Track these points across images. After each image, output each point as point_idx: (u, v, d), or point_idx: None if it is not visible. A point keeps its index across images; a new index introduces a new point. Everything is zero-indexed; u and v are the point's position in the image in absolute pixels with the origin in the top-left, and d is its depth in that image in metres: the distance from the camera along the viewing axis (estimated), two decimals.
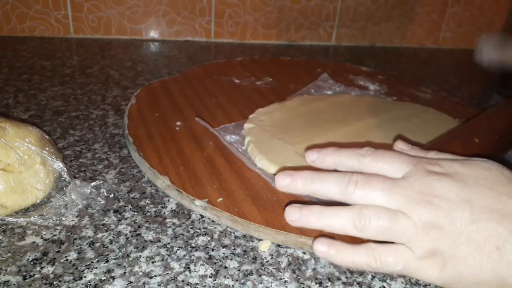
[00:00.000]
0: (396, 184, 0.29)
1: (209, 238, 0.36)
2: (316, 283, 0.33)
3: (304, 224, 0.31)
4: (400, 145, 0.35)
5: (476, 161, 0.31)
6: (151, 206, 0.40)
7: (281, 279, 0.33)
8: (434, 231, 0.28)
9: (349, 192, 0.30)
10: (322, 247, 0.30)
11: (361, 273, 0.34)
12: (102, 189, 0.39)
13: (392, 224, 0.28)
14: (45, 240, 0.34)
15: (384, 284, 0.33)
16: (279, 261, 0.34)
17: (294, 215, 0.31)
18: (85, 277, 0.31)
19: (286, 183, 0.32)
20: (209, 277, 0.32)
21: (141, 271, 0.32)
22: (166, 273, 0.32)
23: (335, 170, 0.33)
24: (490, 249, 0.27)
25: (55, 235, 0.35)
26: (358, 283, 0.33)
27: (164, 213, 0.39)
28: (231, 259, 0.34)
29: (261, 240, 0.36)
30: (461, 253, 0.28)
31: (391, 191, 0.29)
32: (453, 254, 0.28)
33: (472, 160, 0.31)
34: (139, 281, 0.31)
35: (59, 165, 0.38)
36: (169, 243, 0.35)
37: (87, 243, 0.34)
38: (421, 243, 0.28)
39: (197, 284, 0.32)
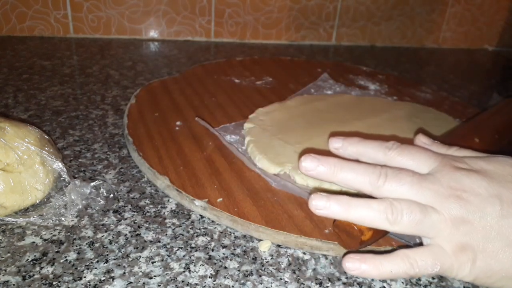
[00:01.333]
0: (424, 179, 0.29)
1: (209, 238, 0.36)
2: (316, 284, 0.32)
3: (331, 214, 0.29)
4: (422, 139, 0.35)
5: (500, 158, 0.31)
6: (151, 206, 0.39)
7: (281, 279, 0.33)
8: (464, 226, 0.28)
9: (379, 184, 0.29)
10: (354, 265, 0.29)
11: None
12: (102, 189, 0.39)
13: (424, 218, 0.28)
14: (45, 240, 0.34)
15: (384, 284, 0.33)
16: (279, 262, 0.34)
17: (321, 203, 0.29)
18: (84, 277, 0.31)
19: (312, 166, 0.30)
20: (209, 277, 0.32)
21: (140, 271, 0.32)
22: (166, 274, 0.32)
23: (357, 160, 0.32)
24: None
25: (54, 235, 0.35)
26: (358, 283, 0.33)
27: (164, 213, 0.39)
28: (231, 260, 0.34)
29: (261, 240, 0.36)
30: (492, 247, 0.27)
31: (420, 186, 0.29)
32: (484, 249, 0.27)
33: (496, 157, 0.31)
34: (139, 281, 0.31)
35: (58, 165, 0.38)
36: (169, 243, 0.35)
37: (86, 243, 0.34)
38: (451, 237, 0.28)
39: (197, 284, 0.31)
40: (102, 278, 0.31)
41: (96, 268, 0.32)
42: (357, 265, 0.29)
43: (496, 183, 0.29)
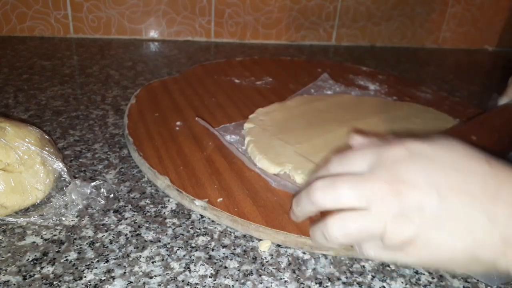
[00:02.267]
0: (362, 179, 0.30)
1: (209, 238, 0.36)
2: (316, 283, 0.33)
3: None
4: (357, 140, 0.35)
5: (439, 141, 0.31)
6: (151, 206, 0.40)
7: (281, 279, 0.33)
8: (404, 221, 0.28)
9: (316, 199, 0.30)
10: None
11: (361, 273, 0.34)
12: (102, 189, 0.39)
13: (366, 223, 0.29)
14: (45, 240, 0.34)
15: (384, 284, 0.33)
16: (279, 261, 0.34)
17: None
18: (85, 277, 0.31)
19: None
20: (209, 277, 0.32)
21: (141, 271, 0.32)
22: (166, 273, 0.32)
23: None
24: (460, 229, 0.27)
25: (55, 235, 0.35)
26: (358, 283, 0.33)
27: (164, 213, 0.39)
28: (231, 259, 0.34)
29: (261, 240, 0.36)
30: (433, 238, 0.28)
31: (357, 188, 0.29)
32: (426, 240, 0.28)
33: (435, 139, 0.31)
34: (139, 281, 0.31)
35: (59, 165, 0.38)
36: (169, 243, 0.35)
37: (87, 243, 0.34)
38: (394, 234, 0.28)
39: (197, 284, 0.32)
40: (103, 278, 0.31)
41: (96, 267, 0.32)
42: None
43: (434, 170, 0.29)
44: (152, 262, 0.33)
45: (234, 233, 0.37)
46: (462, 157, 0.30)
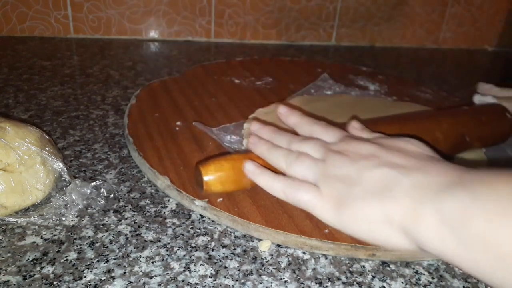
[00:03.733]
0: (326, 144, 0.36)
1: (209, 238, 0.36)
2: (316, 283, 0.33)
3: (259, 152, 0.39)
4: (354, 125, 0.40)
5: (401, 137, 0.35)
6: (151, 206, 0.40)
7: (281, 279, 0.33)
8: (341, 177, 0.32)
9: (292, 145, 0.38)
10: (250, 167, 0.37)
11: (361, 273, 0.34)
12: (102, 189, 0.39)
13: (314, 165, 0.34)
14: (45, 240, 0.34)
15: (384, 284, 0.33)
16: (279, 261, 0.34)
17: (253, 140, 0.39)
18: (85, 277, 0.31)
19: (256, 127, 0.41)
20: (209, 277, 0.32)
21: (141, 271, 0.32)
22: (166, 273, 0.32)
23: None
24: (381, 190, 0.30)
25: (55, 235, 0.35)
26: (358, 283, 0.33)
27: (164, 213, 0.39)
28: (231, 259, 0.34)
29: (261, 240, 0.36)
30: (358, 195, 0.31)
31: (320, 147, 0.36)
32: (352, 197, 0.31)
33: (396, 137, 0.36)
34: (139, 281, 0.31)
35: (59, 165, 0.38)
36: (169, 243, 0.35)
37: (87, 243, 0.34)
38: (328, 185, 0.33)
39: (197, 284, 0.32)
40: (103, 278, 0.31)
41: (96, 267, 0.32)
42: (252, 168, 0.37)
43: (380, 148, 0.33)
44: (152, 262, 0.33)
45: (234, 233, 0.37)
46: (413, 148, 0.33)
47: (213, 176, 0.37)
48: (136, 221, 0.37)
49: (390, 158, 0.32)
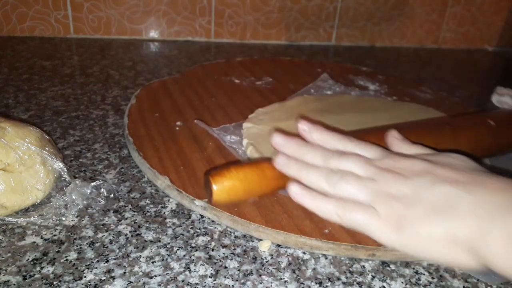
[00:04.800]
0: (369, 160, 0.33)
1: (209, 238, 0.36)
2: (316, 283, 0.33)
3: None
4: (394, 134, 0.38)
5: (445, 152, 0.34)
6: (151, 206, 0.40)
7: (281, 279, 0.33)
8: (397, 196, 0.30)
9: (330, 162, 0.34)
10: (295, 188, 0.33)
11: (361, 273, 0.34)
12: (102, 189, 0.39)
13: (363, 185, 0.32)
14: (45, 240, 0.34)
15: (384, 284, 0.33)
16: (279, 261, 0.34)
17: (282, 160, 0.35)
18: (85, 277, 0.31)
19: (281, 142, 0.36)
20: (209, 277, 0.32)
21: (141, 271, 0.32)
22: (166, 273, 0.32)
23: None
24: (444, 208, 0.29)
25: (55, 235, 0.35)
26: (358, 283, 0.33)
27: (164, 213, 0.39)
28: (231, 259, 0.34)
29: (261, 240, 0.36)
30: (419, 214, 0.29)
31: (365, 164, 0.33)
32: (413, 216, 0.30)
33: (442, 152, 0.34)
34: (139, 281, 0.31)
35: (59, 165, 0.38)
36: (169, 243, 0.35)
37: (87, 243, 0.34)
38: (385, 205, 0.31)
39: (197, 284, 0.32)
40: (103, 278, 0.31)
41: (96, 267, 0.32)
42: (298, 190, 0.33)
43: (433, 164, 0.32)
44: (152, 262, 0.33)
45: (234, 233, 0.37)
46: (463, 164, 0.32)
47: (223, 189, 0.34)
48: (136, 221, 0.37)
49: (447, 174, 0.31)
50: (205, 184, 0.36)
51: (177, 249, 0.35)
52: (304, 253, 0.35)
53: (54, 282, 0.31)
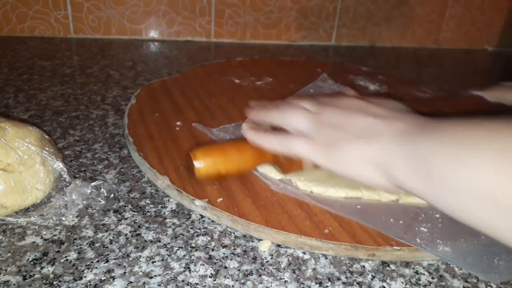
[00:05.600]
0: (318, 100, 0.40)
1: (209, 238, 0.36)
2: (316, 283, 0.33)
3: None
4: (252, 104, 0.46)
5: (383, 97, 0.40)
6: (151, 206, 0.40)
7: (281, 279, 0.33)
8: (331, 124, 0.37)
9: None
10: (245, 126, 0.41)
11: (361, 273, 0.34)
12: (102, 189, 0.39)
13: (305, 117, 0.38)
14: (45, 240, 0.34)
15: (384, 284, 0.33)
16: (279, 261, 0.34)
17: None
18: (85, 277, 0.31)
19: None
20: (209, 277, 0.32)
21: (141, 271, 0.32)
22: (166, 273, 0.32)
23: None
24: (364, 134, 0.34)
25: (55, 235, 0.35)
26: (358, 283, 0.33)
27: (164, 213, 0.39)
28: (231, 259, 0.34)
29: (261, 240, 0.36)
30: (344, 137, 0.35)
31: (315, 101, 0.40)
32: (339, 139, 0.36)
33: (381, 97, 0.41)
34: (139, 281, 0.31)
35: (59, 165, 0.38)
36: (169, 243, 0.35)
37: (87, 243, 0.34)
38: (320, 132, 0.37)
39: (197, 284, 0.32)
40: (103, 278, 0.31)
41: (96, 267, 0.32)
42: (252, 131, 0.40)
43: (370, 103, 0.38)
44: (152, 262, 0.33)
45: (234, 233, 0.37)
46: (392, 104, 0.38)
47: (203, 158, 0.39)
48: (136, 221, 0.37)
49: (374, 110, 0.37)
50: (187, 164, 0.41)
51: (177, 249, 0.35)
52: (304, 253, 0.35)
53: (54, 282, 0.31)
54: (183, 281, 0.32)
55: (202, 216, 0.39)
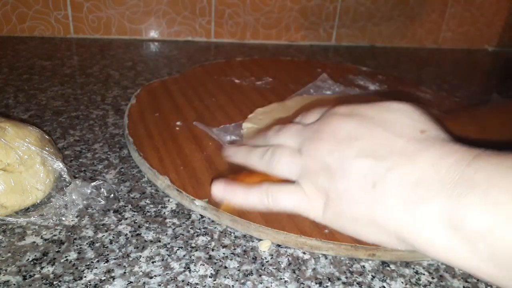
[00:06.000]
0: (302, 128, 0.33)
1: (209, 238, 0.36)
2: (316, 283, 0.33)
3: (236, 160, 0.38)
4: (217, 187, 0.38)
5: (386, 103, 0.30)
6: (151, 206, 0.40)
7: (281, 279, 0.33)
8: (323, 168, 0.29)
9: (269, 140, 0.36)
10: (218, 188, 0.34)
11: (361, 273, 0.34)
12: (102, 189, 0.39)
13: (290, 161, 0.32)
14: (45, 240, 0.34)
15: (384, 284, 0.33)
16: (279, 261, 0.34)
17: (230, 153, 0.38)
18: (85, 277, 0.31)
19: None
20: (209, 277, 0.32)
21: (141, 271, 0.32)
22: (166, 273, 0.32)
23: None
24: (367, 187, 0.27)
25: (55, 235, 0.35)
26: (358, 283, 0.33)
27: (164, 213, 0.39)
28: (231, 259, 0.34)
29: (261, 240, 0.36)
30: (341, 188, 0.28)
31: (295, 133, 0.33)
32: (336, 192, 0.29)
33: (383, 103, 0.31)
34: (139, 281, 0.31)
35: (59, 165, 0.38)
36: (169, 243, 0.35)
37: (87, 243, 0.34)
38: (309, 183, 0.30)
39: (197, 284, 0.32)
40: (103, 278, 0.31)
41: (96, 267, 0.32)
42: (221, 189, 0.34)
43: (363, 127, 0.29)
44: (152, 262, 0.33)
45: (234, 233, 0.37)
46: (401, 120, 0.29)
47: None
48: (136, 221, 0.37)
49: (372, 143, 0.28)
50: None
51: (177, 249, 0.35)
52: (304, 253, 0.35)
53: (54, 282, 0.31)
54: (183, 281, 0.32)
55: (202, 216, 0.39)
